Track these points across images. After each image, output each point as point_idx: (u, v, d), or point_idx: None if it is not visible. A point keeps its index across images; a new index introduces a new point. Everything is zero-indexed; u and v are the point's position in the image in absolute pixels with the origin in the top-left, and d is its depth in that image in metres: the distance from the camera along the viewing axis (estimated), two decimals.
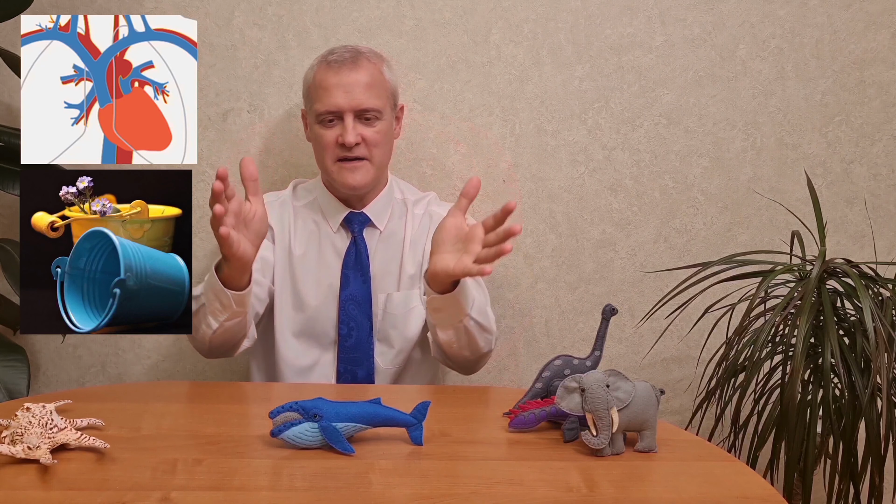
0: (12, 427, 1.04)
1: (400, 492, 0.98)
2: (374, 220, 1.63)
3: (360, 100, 1.55)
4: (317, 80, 1.58)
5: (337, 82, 1.55)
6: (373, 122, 1.57)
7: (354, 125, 1.55)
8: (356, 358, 1.60)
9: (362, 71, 1.56)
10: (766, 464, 1.62)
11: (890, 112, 1.89)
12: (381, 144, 1.59)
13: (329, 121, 1.56)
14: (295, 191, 1.69)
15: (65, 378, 1.90)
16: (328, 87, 1.55)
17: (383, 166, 1.63)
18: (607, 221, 1.90)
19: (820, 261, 1.55)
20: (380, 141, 1.58)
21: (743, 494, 1.01)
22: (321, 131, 1.57)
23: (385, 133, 1.59)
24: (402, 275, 1.63)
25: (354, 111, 1.55)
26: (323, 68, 1.58)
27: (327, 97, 1.55)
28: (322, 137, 1.57)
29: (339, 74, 1.55)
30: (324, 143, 1.57)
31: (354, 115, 1.55)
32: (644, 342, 1.92)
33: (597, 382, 1.09)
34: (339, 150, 1.56)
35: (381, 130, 1.58)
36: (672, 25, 1.85)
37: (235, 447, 1.10)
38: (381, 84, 1.59)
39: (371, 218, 1.63)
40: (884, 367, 1.40)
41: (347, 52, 1.59)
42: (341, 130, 1.55)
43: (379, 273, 1.62)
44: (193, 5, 1.81)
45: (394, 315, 1.62)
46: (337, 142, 1.56)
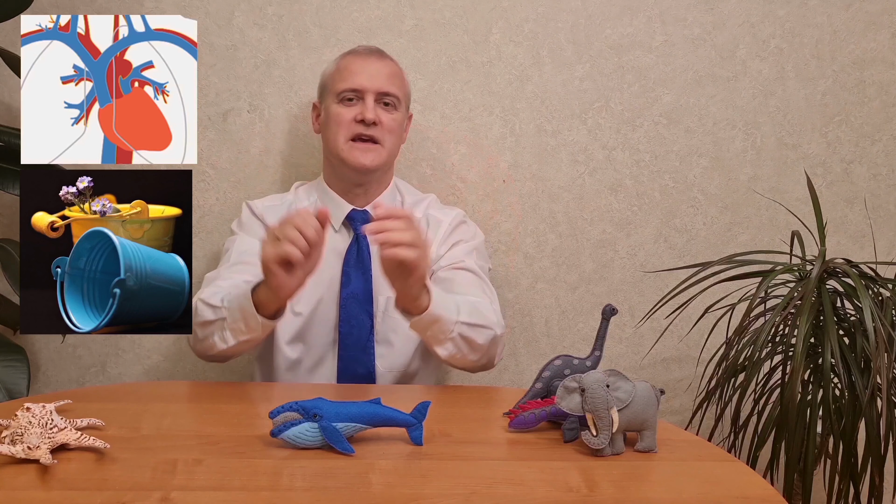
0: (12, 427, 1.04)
1: (400, 492, 0.98)
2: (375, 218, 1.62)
3: (384, 84, 1.60)
4: (340, 66, 1.63)
5: (362, 66, 1.60)
6: (391, 110, 1.61)
7: (375, 107, 1.58)
8: (356, 357, 1.60)
9: (388, 63, 1.63)
10: (766, 464, 1.62)
11: (890, 112, 1.89)
12: (395, 132, 1.62)
13: (349, 99, 1.60)
14: (297, 193, 1.69)
15: (65, 378, 1.90)
16: (353, 70, 1.60)
17: (392, 155, 1.65)
18: (607, 221, 1.90)
19: (820, 261, 1.55)
20: (395, 129, 1.61)
21: (743, 494, 1.01)
22: (339, 110, 1.60)
23: (399, 124, 1.63)
24: None
25: (376, 93, 1.59)
26: (348, 57, 1.63)
27: (351, 77, 1.59)
28: (340, 115, 1.60)
29: (367, 60, 1.61)
30: (340, 121, 1.59)
31: (375, 99, 1.59)
32: (644, 342, 1.92)
33: (597, 382, 1.09)
34: (357, 126, 1.58)
35: (397, 119, 1.62)
36: (672, 25, 1.85)
37: (235, 447, 1.10)
38: (402, 80, 1.65)
39: (373, 215, 1.62)
40: (884, 367, 1.40)
41: (373, 47, 1.66)
42: (361, 109, 1.58)
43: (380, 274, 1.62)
44: (193, 5, 1.81)
45: (394, 318, 1.60)
46: (355, 119, 1.58)
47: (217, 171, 1.84)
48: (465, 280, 1.58)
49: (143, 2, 1.80)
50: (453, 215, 1.67)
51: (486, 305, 1.51)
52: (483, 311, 1.47)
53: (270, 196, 1.70)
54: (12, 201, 1.76)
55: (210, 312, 1.41)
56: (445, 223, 1.65)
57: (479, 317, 1.45)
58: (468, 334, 1.42)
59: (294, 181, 1.83)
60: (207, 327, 1.42)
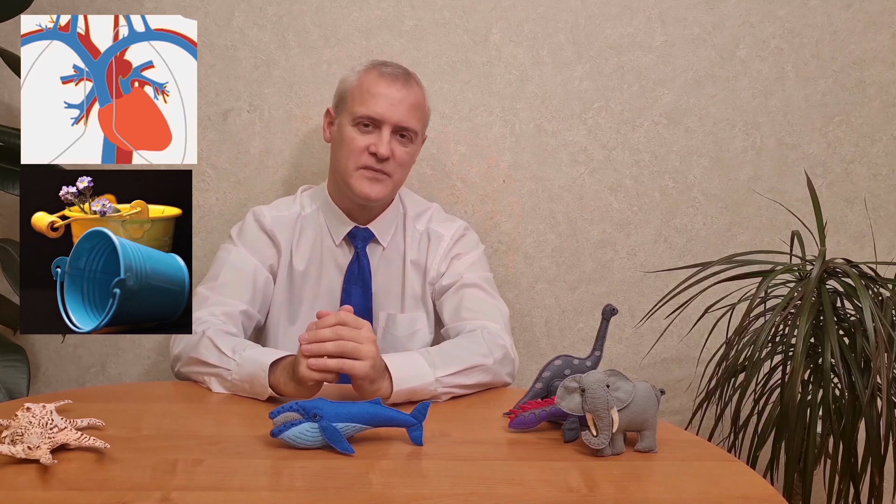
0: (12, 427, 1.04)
1: (400, 492, 0.98)
2: (378, 236, 1.60)
3: (404, 117, 1.53)
4: (364, 85, 1.54)
5: (387, 93, 1.52)
6: (406, 143, 1.55)
7: (390, 139, 1.52)
8: None
9: (413, 91, 1.55)
10: (766, 464, 1.62)
11: (890, 112, 1.89)
12: (406, 166, 1.57)
13: (365, 125, 1.53)
14: (302, 198, 1.65)
15: (65, 378, 1.90)
16: (376, 94, 1.52)
17: (399, 186, 1.61)
18: (607, 221, 1.90)
19: (820, 261, 1.55)
20: (407, 162, 1.57)
21: (743, 494, 1.01)
22: (354, 134, 1.53)
23: (413, 156, 1.59)
24: (406, 295, 1.61)
25: (394, 125, 1.52)
26: (374, 75, 1.55)
27: (373, 103, 1.52)
28: (353, 141, 1.53)
29: (392, 86, 1.53)
30: (353, 147, 1.53)
31: (392, 130, 1.52)
32: (644, 342, 1.92)
33: (597, 382, 1.09)
34: (367, 158, 1.52)
35: (411, 153, 1.57)
36: (672, 25, 1.85)
37: (235, 447, 1.10)
38: (423, 110, 1.58)
39: (375, 234, 1.60)
40: (884, 367, 1.40)
41: (400, 69, 1.57)
42: (376, 140, 1.52)
43: (381, 291, 1.60)
44: (193, 5, 1.81)
45: (395, 336, 1.59)
46: (368, 150, 1.52)
47: (217, 171, 1.84)
48: (472, 299, 1.56)
49: (143, 2, 1.80)
50: (454, 229, 1.64)
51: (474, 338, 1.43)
52: (460, 353, 1.38)
53: (276, 203, 1.65)
54: (12, 201, 1.76)
55: (215, 356, 1.34)
56: (447, 237, 1.63)
57: (458, 361, 1.35)
58: (456, 382, 1.34)
59: (294, 181, 1.84)
60: (204, 367, 1.36)
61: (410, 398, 1.28)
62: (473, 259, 1.63)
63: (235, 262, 1.55)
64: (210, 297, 1.49)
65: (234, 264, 1.54)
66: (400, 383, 1.28)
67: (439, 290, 1.60)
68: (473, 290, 1.57)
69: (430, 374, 1.31)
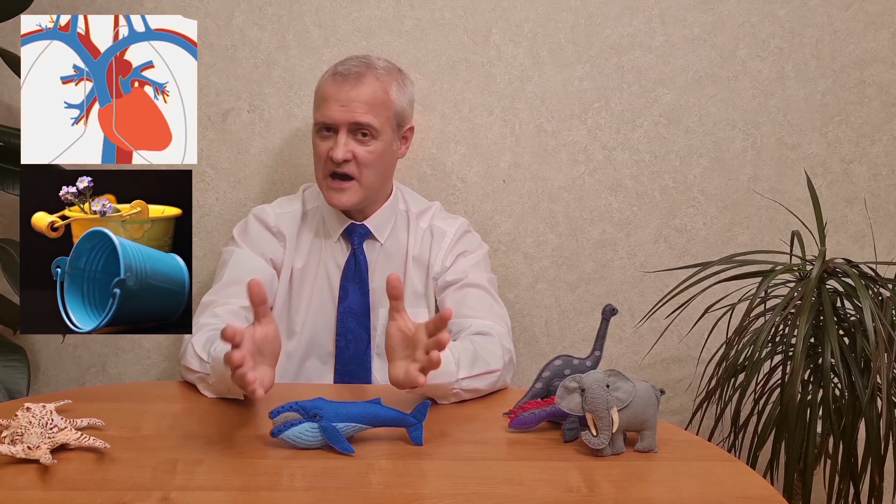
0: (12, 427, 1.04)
1: (400, 492, 0.98)
2: (374, 232, 1.60)
3: (356, 115, 1.50)
4: (319, 90, 1.56)
5: (336, 95, 1.51)
6: (367, 141, 1.52)
7: (347, 141, 1.51)
8: (353, 371, 1.59)
9: (365, 87, 1.52)
10: (766, 464, 1.62)
11: (890, 112, 1.89)
12: (373, 165, 1.54)
13: (326, 131, 1.53)
14: (304, 196, 1.65)
15: (65, 378, 1.90)
16: (328, 98, 1.52)
17: (375, 187, 1.57)
18: (607, 221, 1.90)
19: (820, 261, 1.55)
20: (372, 161, 1.53)
21: (743, 494, 1.01)
22: (317, 141, 1.54)
23: (380, 154, 1.54)
24: (406, 291, 1.59)
25: (349, 126, 1.51)
26: (328, 79, 1.55)
27: (325, 107, 1.52)
28: (317, 148, 1.55)
29: (342, 87, 1.52)
30: (317, 155, 1.55)
31: (348, 131, 1.51)
32: (644, 342, 1.92)
33: (597, 382, 1.09)
34: (329, 164, 1.52)
35: (376, 150, 1.53)
36: (672, 25, 1.85)
37: (235, 447, 1.10)
38: (384, 103, 1.54)
39: (372, 230, 1.60)
40: (884, 367, 1.40)
41: (355, 66, 1.54)
42: (333, 144, 1.52)
43: (379, 287, 1.59)
44: (193, 5, 1.81)
45: None
46: (328, 155, 1.52)
47: (217, 171, 1.84)
48: (476, 298, 1.55)
49: (143, 2, 1.80)
50: (457, 225, 1.64)
51: (492, 340, 1.42)
52: (485, 356, 1.36)
53: (279, 200, 1.65)
54: (12, 201, 1.76)
55: (196, 362, 1.33)
56: (450, 233, 1.62)
57: (481, 364, 1.35)
58: (471, 386, 1.33)
59: (294, 181, 1.84)
60: (192, 373, 1.35)
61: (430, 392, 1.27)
62: (478, 258, 1.63)
63: (237, 262, 1.55)
64: (215, 300, 1.49)
65: (235, 264, 1.54)
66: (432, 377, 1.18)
67: (442, 286, 1.60)
68: (477, 291, 1.57)
69: (454, 374, 1.29)
